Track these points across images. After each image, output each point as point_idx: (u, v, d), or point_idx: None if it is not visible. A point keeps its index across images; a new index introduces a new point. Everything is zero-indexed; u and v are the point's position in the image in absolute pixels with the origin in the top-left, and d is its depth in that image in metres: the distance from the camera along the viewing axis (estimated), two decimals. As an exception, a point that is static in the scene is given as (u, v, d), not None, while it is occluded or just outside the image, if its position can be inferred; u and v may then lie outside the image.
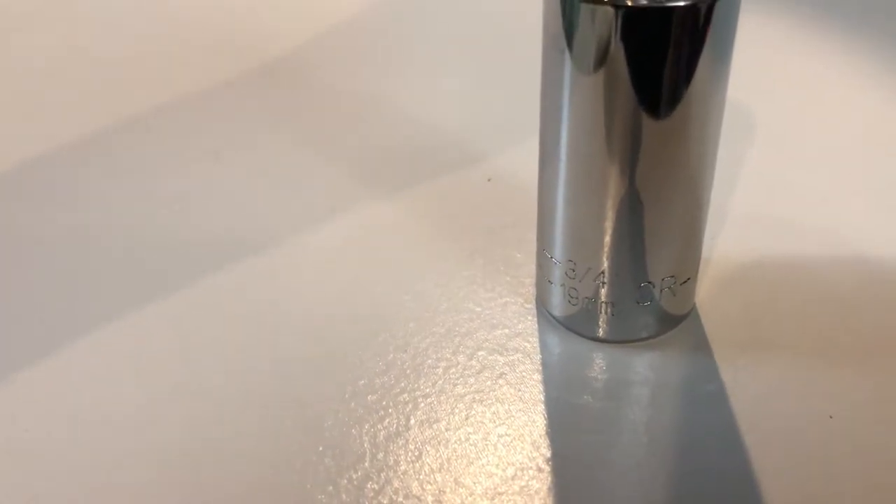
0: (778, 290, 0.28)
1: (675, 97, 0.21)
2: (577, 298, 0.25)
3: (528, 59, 0.40)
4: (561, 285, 0.26)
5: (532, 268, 0.29)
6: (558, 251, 0.25)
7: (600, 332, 0.26)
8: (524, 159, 0.34)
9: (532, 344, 0.26)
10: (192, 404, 0.25)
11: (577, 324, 0.26)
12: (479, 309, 0.28)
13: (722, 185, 0.25)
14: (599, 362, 0.26)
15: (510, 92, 0.38)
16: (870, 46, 0.39)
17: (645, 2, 0.20)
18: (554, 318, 0.27)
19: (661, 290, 0.25)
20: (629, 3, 0.20)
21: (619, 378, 0.25)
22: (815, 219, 0.31)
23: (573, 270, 0.25)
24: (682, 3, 0.20)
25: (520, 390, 0.25)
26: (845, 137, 0.35)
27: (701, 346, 0.26)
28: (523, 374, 0.25)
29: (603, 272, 0.24)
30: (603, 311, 0.25)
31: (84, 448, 0.24)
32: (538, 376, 0.25)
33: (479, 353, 0.26)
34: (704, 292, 0.28)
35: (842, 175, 0.33)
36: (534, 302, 0.28)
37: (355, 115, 0.37)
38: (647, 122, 0.21)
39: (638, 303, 0.25)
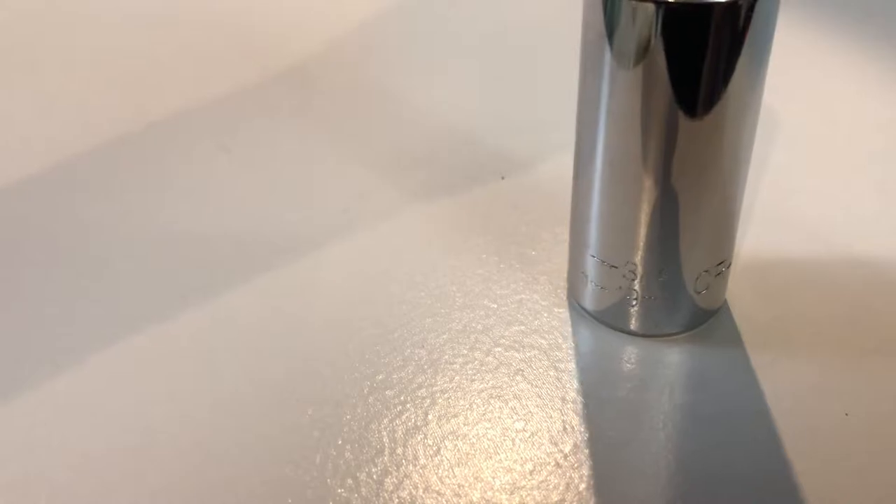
0: (806, 288, 0.28)
1: (714, 93, 0.21)
2: (609, 291, 0.26)
3: (547, 58, 0.40)
4: (594, 278, 0.26)
5: (547, 265, 0.29)
6: (592, 244, 0.25)
7: (632, 326, 0.26)
8: (538, 157, 0.34)
9: (548, 340, 0.26)
10: (211, 401, 0.25)
11: (609, 317, 0.26)
12: (494, 306, 0.28)
13: (749, 184, 0.25)
14: (630, 356, 0.26)
15: (525, 90, 0.39)
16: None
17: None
18: (585, 311, 0.27)
19: (693, 285, 0.25)
20: (670, 0, 0.20)
21: (650, 372, 0.26)
22: (841, 219, 0.31)
23: (607, 263, 0.25)
24: (722, 0, 0.20)
25: (537, 386, 0.25)
26: (869, 141, 0.35)
27: (733, 340, 0.26)
28: (540, 370, 0.26)
29: (636, 265, 0.25)
30: (635, 304, 0.26)
31: (109, 438, 0.24)
32: (554, 373, 0.25)
33: (496, 349, 0.26)
34: (734, 288, 0.28)
35: (867, 177, 0.33)
36: (549, 298, 0.28)
37: (370, 113, 0.37)
38: (685, 117, 0.22)
39: (670, 297, 0.25)
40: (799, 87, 0.38)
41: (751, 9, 0.21)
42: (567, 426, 0.24)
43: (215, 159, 0.35)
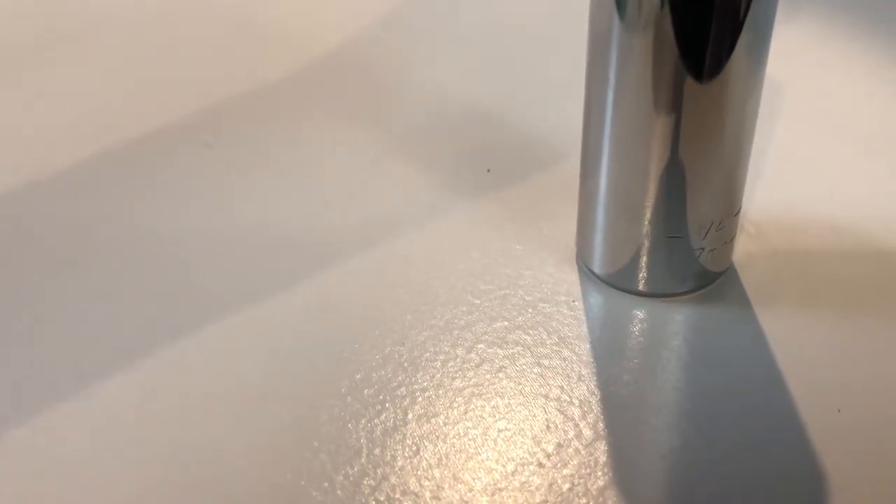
0: (811, 249, 0.28)
1: (719, 63, 0.22)
2: (618, 251, 0.26)
3: (535, 43, 0.39)
4: (603, 239, 0.26)
5: (531, 260, 0.28)
6: (601, 204, 0.26)
7: (641, 286, 0.26)
8: (522, 151, 0.33)
9: (532, 337, 0.26)
10: (179, 402, 0.24)
11: (617, 278, 0.27)
12: (477, 301, 0.27)
13: (755, 148, 0.26)
14: (640, 315, 0.26)
15: (514, 87, 0.38)
16: None
17: None
18: (594, 274, 0.27)
19: (702, 245, 0.25)
20: None
21: (659, 331, 0.26)
22: (849, 183, 0.31)
23: (615, 224, 0.26)
24: None
25: (520, 384, 0.24)
26: (879, 111, 0.34)
27: (740, 300, 0.27)
28: (523, 367, 0.25)
29: (646, 226, 0.25)
30: (644, 264, 0.26)
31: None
32: (538, 369, 0.25)
33: (478, 346, 0.26)
34: (741, 250, 0.28)
35: (866, 143, 0.33)
36: (533, 293, 0.27)
37: (355, 106, 0.37)
38: (692, 81, 0.22)
39: (679, 257, 0.26)
40: (806, 63, 0.37)
41: None
42: (550, 424, 0.23)
43: (199, 152, 0.34)
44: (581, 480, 0.22)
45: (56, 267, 0.29)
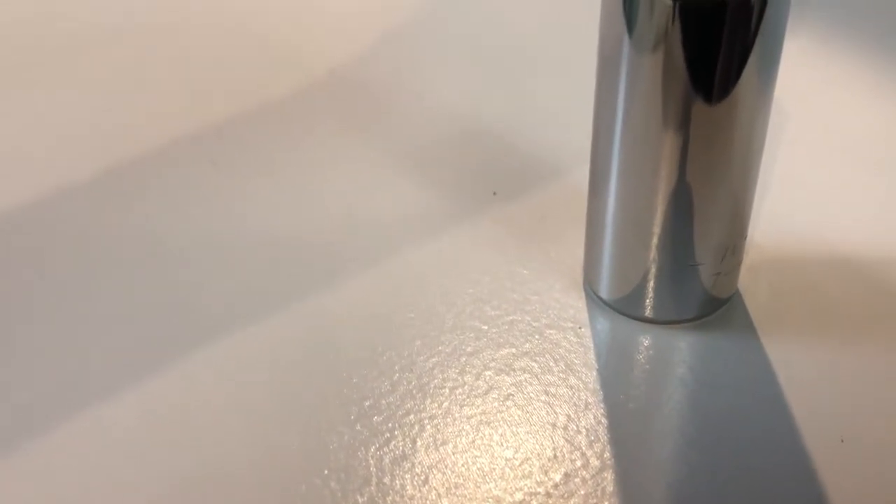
0: (816, 275, 0.28)
1: (727, 85, 0.22)
2: (624, 277, 0.26)
3: (545, 65, 0.40)
4: (610, 265, 0.27)
5: (538, 284, 0.29)
6: (609, 231, 0.26)
7: (648, 313, 0.27)
8: (528, 172, 0.34)
9: (539, 364, 0.26)
10: (190, 425, 0.25)
11: (624, 305, 0.27)
12: (485, 327, 0.27)
13: (763, 172, 0.26)
14: (646, 342, 0.27)
15: (524, 112, 0.38)
16: None
17: None
18: (601, 299, 0.28)
19: (710, 271, 0.26)
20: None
21: (666, 359, 0.26)
22: (851, 206, 0.31)
23: (623, 249, 0.26)
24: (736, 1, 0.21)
25: (527, 412, 0.25)
26: (883, 136, 0.35)
27: (746, 327, 0.27)
28: (531, 395, 0.25)
29: (653, 252, 0.25)
30: (651, 291, 0.26)
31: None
32: (545, 398, 0.25)
33: (486, 373, 0.26)
34: (746, 275, 0.28)
35: (872, 165, 0.33)
36: (540, 319, 0.27)
37: (358, 126, 0.37)
38: (701, 106, 0.23)
39: (686, 284, 0.26)
40: (811, 85, 0.37)
41: (763, 6, 0.21)
42: (557, 453, 0.24)
43: (203, 169, 0.34)
44: (588, 510, 0.22)
45: (56, 281, 0.29)
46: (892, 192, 0.32)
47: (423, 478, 0.23)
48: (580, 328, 0.27)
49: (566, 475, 0.23)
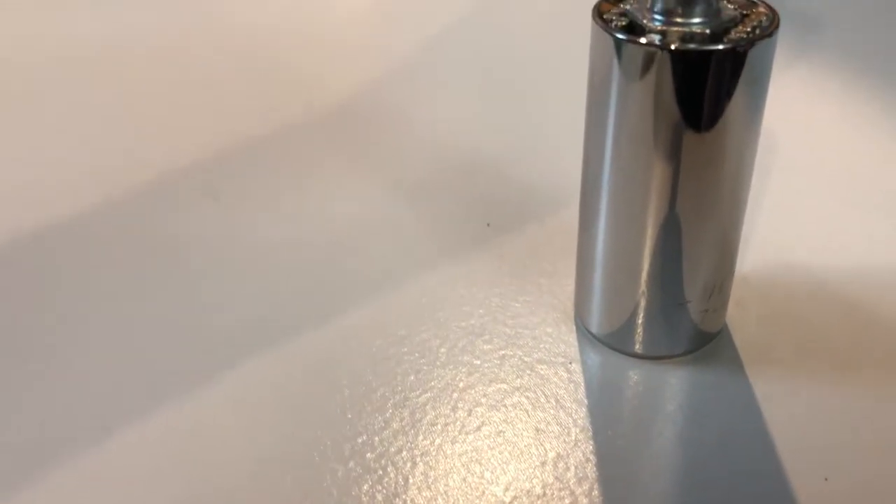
0: (802, 308, 0.29)
1: (716, 124, 0.23)
2: (614, 312, 0.27)
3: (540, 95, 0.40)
4: (600, 300, 0.27)
5: (530, 318, 0.29)
6: (599, 267, 0.26)
7: (637, 348, 0.27)
8: (522, 204, 0.34)
9: (530, 400, 0.26)
10: (186, 461, 0.25)
11: (614, 340, 0.28)
12: (477, 362, 0.28)
13: (749, 209, 0.27)
14: (635, 378, 0.27)
15: (517, 142, 0.39)
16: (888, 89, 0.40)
17: (693, 45, 0.22)
18: (591, 334, 0.28)
19: (696, 309, 0.26)
20: (672, 48, 0.22)
21: (654, 396, 0.26)
22: (839, 239, 0.32)
23: (613, 285, 0.26)
24: (721, 48, 0.22)
25: (518, 449, 0.25)
26: (867, 167, 0.35)
27: (733, 362, 0.27)
28: (521, 431, 0.26)
29: (642, 290, 0.26)
30: (641, 327, 0.27)
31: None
32: (533, 434, 0.25)
33: (478, 409, 0.26)
34: (734, 309, 0.29)
35: (859, 198, 0.33)
36: (532, 354, 0.28)
37: (355, 158, 0.37)
38: (690, 144, 0.23)
39: (676, 320, 0.26)
40: (800, 116, 0.38)
41: (744, 54, 0.22)
42: (547, 491, 0.24)
43: (205, 203, 0.34)
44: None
45: (58, 317, 0.29)
46: (881, 224, 0.32)
47: (414, 515, 0.24)
48: (571, 363, 0.27)
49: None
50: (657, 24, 0.23)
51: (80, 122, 0.40)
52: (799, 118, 0.38)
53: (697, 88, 0.22)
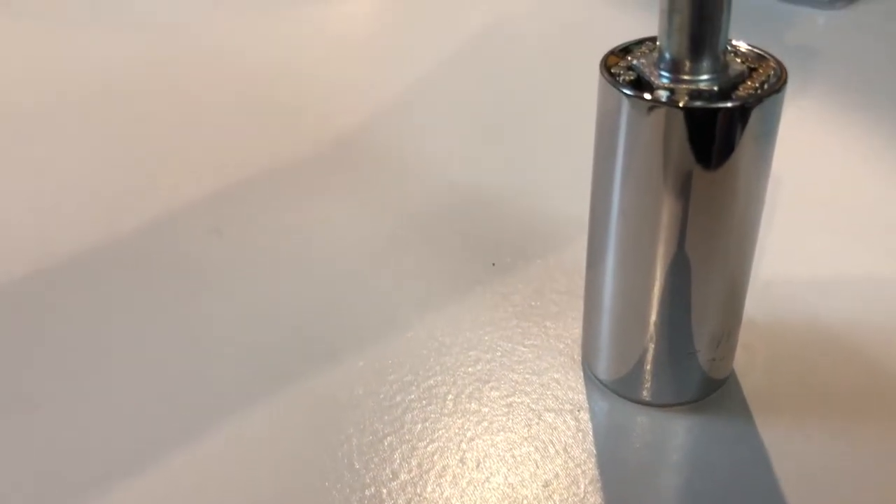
0: (810, 353, 0.29)
1: (723, 177, 0.23)
2: (621, 360, 0.27)
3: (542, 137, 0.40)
4: (608, 347, 0.27)
5: (537, 364, 0.29)
6: (606, 312, 0.26)
7: (645, 395, 0.27)
8: (527, 243, 0.34)
9: (539, 450, 0.26)
10: (200, 517, 0.25)
11: (622, 387, 0.27)
12: (485, 409, 0.28)
13: (756, 255, 0.26)
14: (644, 427, 0.27)
15: (527, 177, 0.39)
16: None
17: (699, 103, 0.22)
18: (599, 380, 0.28)
19: (704, 358, 0.26)
20: (680, 105, 0.22)
21: (663, 445, 0.26)
22: (845, 282, 0.32)
23: (621, 332, 0.26)
24: (730, 106, 0.22)
25: (528, 503, 0.25)
26: (875, 208, 0.35)
27: (741, 410, 0.27)
28: (529, 482, 0.25)
29: (650, 338, 0.26)
30: (649, 374, 0.27)
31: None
32: (544, 487, 0.25)
33: (487, 461, 0.26)
34: (741, 355, 0.28)
35: (875, 243, 0.33)
36: (540, 402, 0.28)
37: (358, 197, 0.37)
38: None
39: (684, 367, 0.26)
40: (801, 154, 0.38)
41: (749, 110, 0.22)
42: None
43: (207, 240, 0.34)
44: None
45: (51, 365, 0.29)
46: (886, 265, 0.32)
47: (424, 572, 0.24)
48: (579, 411, 0.27)
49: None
50: (665, 80, 0.23)
51: (77, 159, 0.40)
52: (802, 153, 0.38)
53: (706, 144, 0.22)
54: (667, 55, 0.23)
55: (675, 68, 0.23)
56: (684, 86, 0.23)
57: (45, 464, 0.26)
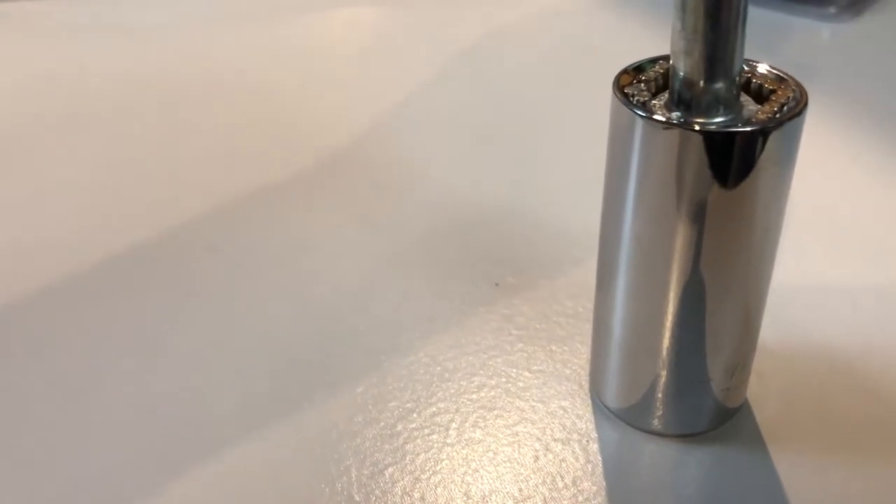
0: (824, 382, 0.28)
1: (739, 200, 0.22)
2: (632, 389, 0.26)
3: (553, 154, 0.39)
4: (617, 374, 0.26)
5: (542, 391, 0.28)
6: (616, 338, 0.25)
7: (656, 425, 0.26)
8: (531, 263, 0.33)
9: (547, 483, 0.25)
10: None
11: (631, 416, 0.27)
12: (490, 439, 0.27)
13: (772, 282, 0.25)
14: (654, 458, 0.26)
15: (531, 196, 0.38)
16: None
17: (713, 126, 0.21)
18: (608, 408, 0.27)
19: (717, 387, 0.25)
20: (696, 128, 0.21)
21: (674, 477, 0.25)
22: (858, 307, 0.31)
23: (630, 359, 0.25)
24: (747, 129, 0.21)
25: (535, 539, 0.24)
26: (881, 229, 0.34)
27: (754, 440, 0.26)
28: (538, 518, 0.25)
29: (661, 365, 0.25)
30: (659, 403, 0.26)
31: None
32: (553, 522, 0.24)
33: (493, 496, 0.25)
34: (754, 383, 0.27)
35: (881, 264, 0.33)
36: (547, 433, 0.27)
37: (358, 218, 0.36)
38: (712, 216, 0.22)
39: (696, 397, 0.25)
40: (813, 179, 0.37)
41: (768, 134, 0.21)
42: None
43: (205, 256, 0.33)
44: None
45: (51, 386, 0.28)
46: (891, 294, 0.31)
47: None
48: (587, 442, 0.26)
49: None
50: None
51: (71, 176, 0.39)
52: (810, 171, 0.37)
53: (723, 168, 0.22)
54: (677, 96, 0.22)
55: (687, 107, 0.22)
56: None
57: (31, 495, 0.25)
